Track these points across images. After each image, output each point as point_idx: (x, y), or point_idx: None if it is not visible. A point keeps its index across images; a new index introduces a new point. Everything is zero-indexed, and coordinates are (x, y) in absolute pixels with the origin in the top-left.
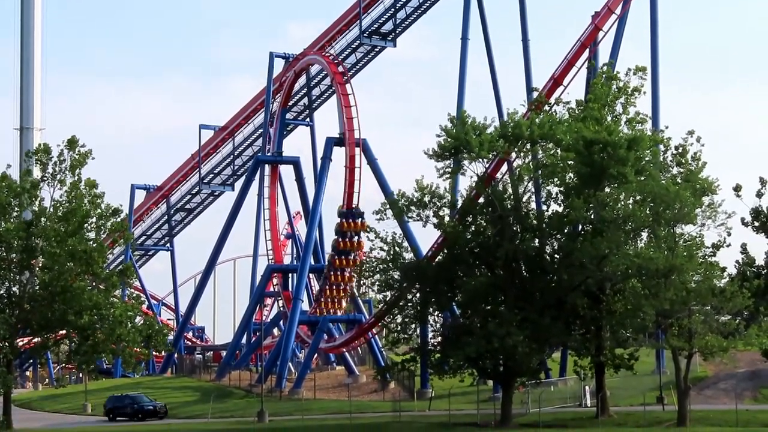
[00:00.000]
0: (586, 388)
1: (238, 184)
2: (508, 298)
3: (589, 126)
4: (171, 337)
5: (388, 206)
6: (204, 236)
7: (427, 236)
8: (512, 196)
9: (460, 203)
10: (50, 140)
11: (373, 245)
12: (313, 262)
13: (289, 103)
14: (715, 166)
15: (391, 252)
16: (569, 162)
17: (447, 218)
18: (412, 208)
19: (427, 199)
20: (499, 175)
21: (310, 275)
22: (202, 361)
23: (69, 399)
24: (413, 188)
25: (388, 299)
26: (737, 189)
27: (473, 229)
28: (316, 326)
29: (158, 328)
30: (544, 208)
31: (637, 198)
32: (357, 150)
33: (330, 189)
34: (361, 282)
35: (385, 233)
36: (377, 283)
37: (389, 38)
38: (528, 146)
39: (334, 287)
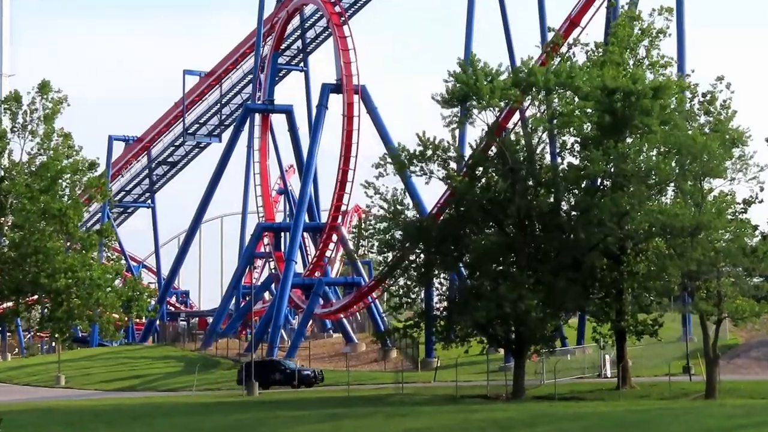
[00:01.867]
0: (606, 357)
1: (226, 135)
2: (521, 258)
3: (609, 71)
4: (153, 302)
5: (388, 159)
6: (188, 192)
7: (431, 192)
8: (525, 148)
9: (468, 156)
10: (21, 88)
11: (372, 202)
12: (307, 220)
13: (282, 47)
14: (747, 115)
15: (392, 209)
16: (587, 111)
17: (454, 172)
18: (415, 161)
19: (430, 152)
20: (510, 125)
21: (305, 234)
22: (187, 328)
23: (40, 370)
24: (416, 142)
25: (389, 261)
26: None
27: (482, 183)
28: (310, 290)
29: (141, 290)
30: (560, 160)
31: (662, 150)
32: (355, 97)
33: (326, 140)
34: (360, 242)
35: (386, 189)
36: (377, 243)
37: None
38: (543, 94)
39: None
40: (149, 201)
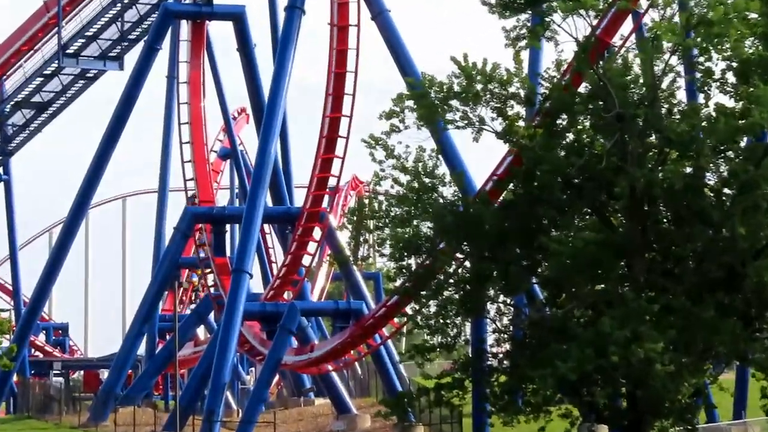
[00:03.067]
0: None
1: (131, 58)
2: (637, 269)
3: None
4: (6, 343)
5: (408, 100)
6: (68, 155)
7: (482, 156)
8: (642, 80)
9: (544, 94)
10: None
11: (382, 171)
12: (271, 203)
13: None
14: None
15: (416, 184)
16: (751, 17)
17: (521, 122)
18: (454, 103)
19: (479, 86)
20: (617, 41)
21: (266, 227)
22: (65, 388)
23: None
24: (453, 72)
25: (410, 273)
26: None
27: (569, 141)
28: (276, 323)
29: None
30: (702, 101)
31: None
32: None
33: (302, 67)
34: (360, 241)
35: (405, 150)
36: (390, 242)
37: None
38: None
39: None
40: (1, 170)
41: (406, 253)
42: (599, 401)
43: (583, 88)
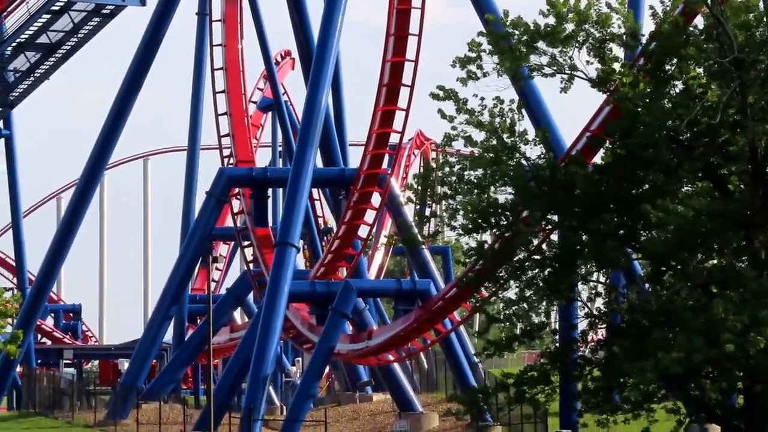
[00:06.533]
0: None
1: None
2: (757, 243)
3: None
4: (9, 328)
5: (486, 44)
6: (80, 106)
7: (573, 110)
8: (767, 18)
9: (648, 35)
10: None
11: (455, 128)
12: (320, 164)
13: None
14: None
15: (494, 142)
16: None
17: (619, 67)
18: (541, 45)
19: (572, 25)
20: None
21: (315, 192)
22: (77, 380)
23: None
24: (540, 9)
25: (487, 247)
26: None
27: (678, 92)
28: (328, 305)
29: None
30: None
31: None
32: None
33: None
34: (428, 209)
35: (481, 104)
36: (463, 210)
37: None
38: None
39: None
40: (1, 124)
41: (481, 225)
42: (712, 397)
43: (693, 28)
